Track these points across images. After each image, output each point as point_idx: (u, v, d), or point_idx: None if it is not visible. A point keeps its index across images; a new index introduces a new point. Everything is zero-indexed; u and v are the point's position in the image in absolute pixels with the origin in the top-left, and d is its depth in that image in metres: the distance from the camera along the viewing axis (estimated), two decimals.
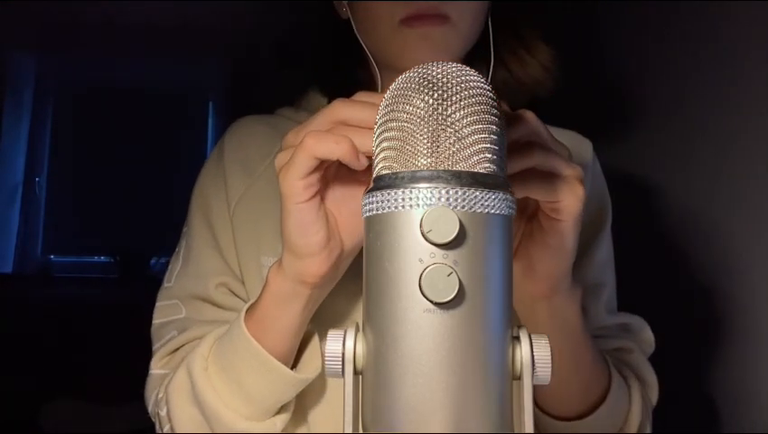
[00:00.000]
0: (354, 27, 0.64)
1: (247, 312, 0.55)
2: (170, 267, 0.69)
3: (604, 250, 0.71)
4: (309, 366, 0.57)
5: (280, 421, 0.57)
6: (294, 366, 0.56)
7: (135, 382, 0.66)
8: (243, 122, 0.73)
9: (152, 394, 0.63)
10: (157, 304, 0.68)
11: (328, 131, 0.45)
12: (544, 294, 0.51)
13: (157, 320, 0.67)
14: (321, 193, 0.48)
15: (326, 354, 0.33)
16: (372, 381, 0.32)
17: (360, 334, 0.33)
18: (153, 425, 0.64)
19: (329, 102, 0.68)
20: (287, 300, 0.51)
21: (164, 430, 0.60)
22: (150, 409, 0.64)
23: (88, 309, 2.27)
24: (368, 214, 0.33)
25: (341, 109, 0.46)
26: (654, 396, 0.67)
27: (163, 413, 0.60)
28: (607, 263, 0.72)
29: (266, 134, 0.71)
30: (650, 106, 1.20)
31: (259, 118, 0.74)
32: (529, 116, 0.46)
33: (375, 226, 0.32)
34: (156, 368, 0.64)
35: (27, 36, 2.58)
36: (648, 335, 0.70)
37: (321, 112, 0.48)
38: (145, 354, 0.66)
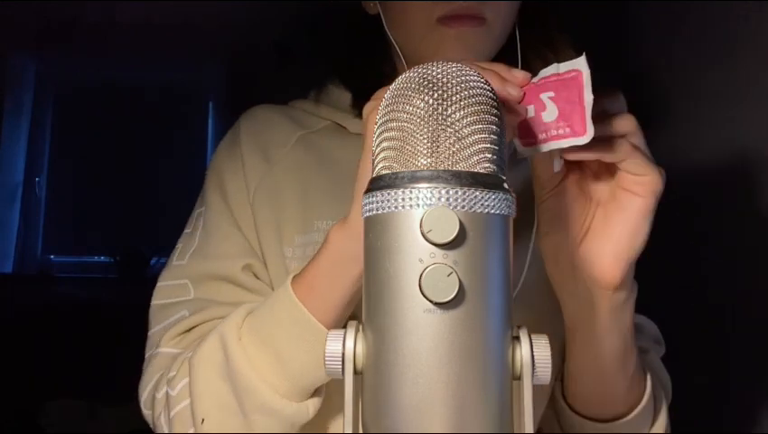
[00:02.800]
0: (385, 23, 0.64)
1: (294, 279, 0.52)
2: (180, 246, 0.67)
3: None
4: None
5: (313, 406, 0.54)
6: None
7: (135, 382, 0.65)
8: (259, 109, 0.72)
9: (154, 375, 0.60)
10: (160, 283, 0.65)
11: None
12: (611, 282, 0.49)
13: (159, 301, 0.64)
14: None
15: (326, 354, 0.33)
16: (372, 381, 0.32)
17: (360, 334, 0.33)
18: None
19: (353, 96, 0.69)
20: (349, 262, 0.49)
21: (171, 413, 0.56)
22: (145, 396, 0.60)
23: (89, 309, 2.27)
24: (368, 214, 0.33)
25: None
26: (669, 397, 0.66)
27: (173, 393, 0.56)
28: None
29: (282, 123, 0.70)
30: (674, 104, 1.19)
31: (274, 107, 0.73)
32: (620, 96, 0.47)
33: (375, 226, 0.32)
34: (166, 347, 0.61)
35: (27, 36, 2.58)
36: (659, 336, 0.69)
37: None
38: (145, 354, 0.65)
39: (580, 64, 0.45)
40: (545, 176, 0.49)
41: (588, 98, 0.44)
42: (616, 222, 0.47)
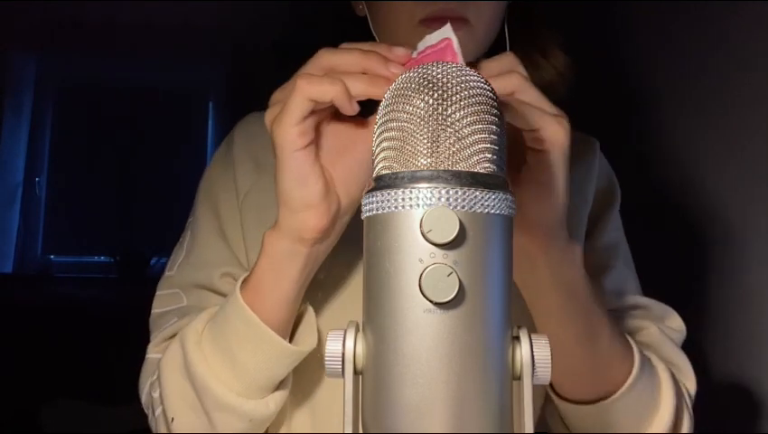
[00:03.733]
0: (371, 25, 0.64)
1: (243, 283, 0.54)
2: (172, 256, 0.69)
3: (612, 234, 0.70)
4: (305, 340, 0.55)
5: (273, 402, 0.55)
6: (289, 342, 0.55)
7: (135, 382, 0.65)
8: (252, 117, 0.74)
9: (147, 380, 0.62)
10: (157, 293, 0.67)
11: (321, 75, 0.45)
12: (540, 246, 0.48)
13: (157, 310, 0.66)
14: (315, 144, 0.47)
15: (326, 354, 0.33)
16: (372, 381, 0.32)
17: (360, 334, 0.33)
18: None
19: None
20: (285, 261, 0.50)
21: (156, 413, 0.59)
22: (144, 398, 0.63)
23: (89, 309, 2.27)
24: (368, 214, 0.33)
25: (328, 56, 0.47)
26: (690, 383, 0.60)
27: (156, 395, 0.59)
28: (615, 247, 0.69)
29: None
30: (658, 105, 1.20)
31: None
32: (510, 56, 0.48)
33: (375, 226, 0.32)
34: (153, 353, 0.63)
35: (27, 36, 2.58)
36: (675, 321, 0.66)
37: (309, 62, 0.47)
38: (145, 354, 0.65)
39: (447, 32, 0.46)
40: None
41: (461, 62, 0.44)
42: (530, 183, 0.47)
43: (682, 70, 1.12)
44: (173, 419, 0.56)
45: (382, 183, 0.32)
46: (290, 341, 0.55)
